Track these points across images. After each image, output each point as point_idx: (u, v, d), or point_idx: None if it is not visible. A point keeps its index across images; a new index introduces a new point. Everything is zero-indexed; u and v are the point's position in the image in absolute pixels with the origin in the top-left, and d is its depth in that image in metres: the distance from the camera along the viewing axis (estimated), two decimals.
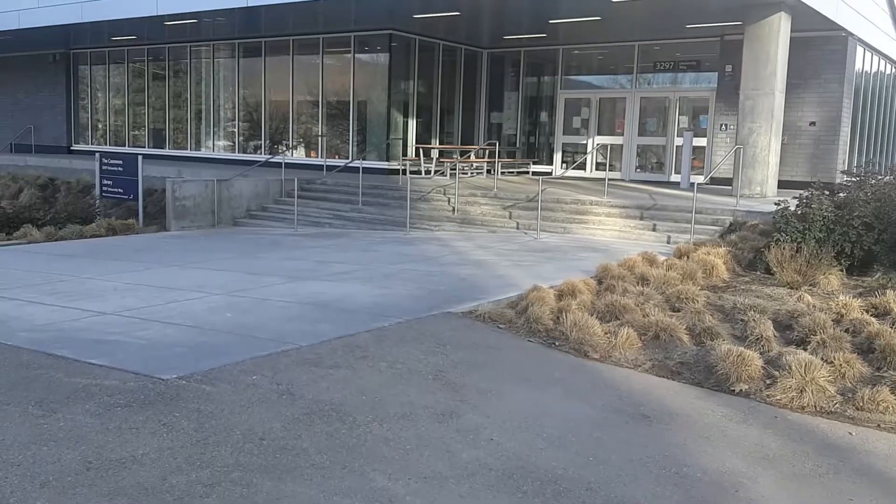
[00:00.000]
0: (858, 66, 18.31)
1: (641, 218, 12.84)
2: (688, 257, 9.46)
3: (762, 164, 14.86)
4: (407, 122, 20.59)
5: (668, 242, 11.85)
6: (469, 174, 19.97)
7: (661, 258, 9.61)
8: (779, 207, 10.71)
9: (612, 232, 12.51)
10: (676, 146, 19.58)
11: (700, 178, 18.69)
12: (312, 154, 21.58)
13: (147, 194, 15.63)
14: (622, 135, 20.32)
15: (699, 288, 7.78)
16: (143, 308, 7.00)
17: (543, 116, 22.15)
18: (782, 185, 15.63)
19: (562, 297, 7.33)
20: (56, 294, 7.63)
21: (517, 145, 22.23)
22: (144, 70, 25.15)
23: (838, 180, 18.48)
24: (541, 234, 12.40)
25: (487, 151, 21.08)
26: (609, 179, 19.83)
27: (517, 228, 13.32)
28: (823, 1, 15.11)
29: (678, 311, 7.03)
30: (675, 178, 19.44)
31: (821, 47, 17.01)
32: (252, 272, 9.10)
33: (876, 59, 19.89)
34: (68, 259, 10.52)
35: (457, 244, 11.57)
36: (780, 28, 14.59)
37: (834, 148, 17.50)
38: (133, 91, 25.50)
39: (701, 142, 18.83)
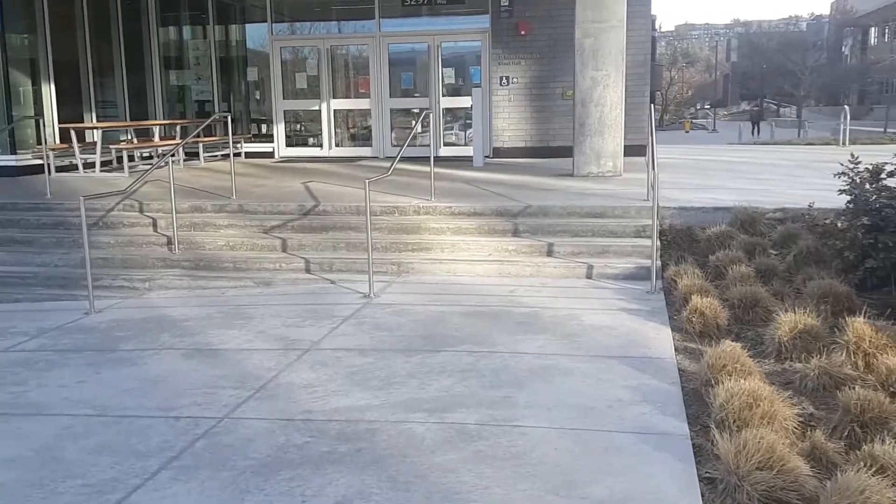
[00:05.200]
0: None
1: (516, 232, 7.69)
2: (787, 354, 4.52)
3: (613, 128, 10.57)
4: (40, 90, 12.90)
5: (590, 277, 6.89)
6: (156, 163, 13.11)
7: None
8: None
9: (485, 265, 7.17)
10: (444, 109, 14.73)
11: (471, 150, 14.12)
12: None
13: None
14: (368, 97, 14.89)
15: None
16: None
17: (252, 74, 15.78)
18: None
19: None
20: None
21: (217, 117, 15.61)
22: None
23: None
24: (372, 282, 6.61)
25: (182, 128, 14.34)
26: (358, 159, 14.44)
27: (308, 272, 7.35)
28: None
29: None
30: (446, 151, 14.62)
31: None
32: None
33: None
34: None
35: (230, 341, 5.36)
36: None
37: (644, 101, 13.98)
38: None
39: (466, 101, 14.10)
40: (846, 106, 17.25)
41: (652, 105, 8.15)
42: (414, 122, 14.99)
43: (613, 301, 6.06)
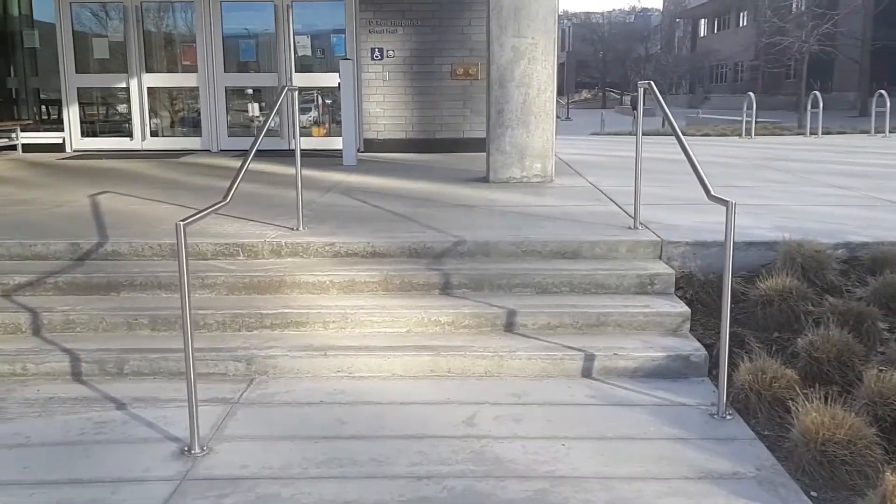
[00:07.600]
0: None
1: (447, 288, 4.67)
2: None
3: (542, 117, 7.79)
4: None
5: (590, 376, 4.02)
6: None
7: None
8: None
9: (406, 357, 4.08)
10: (298, 88, 11.36)
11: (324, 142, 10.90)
12: None
13: None
14: (196, 72, 11.31)
15: None
16: None
17: (34, 40, 11.72)
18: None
19: None
20: None
21: None
22: None
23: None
24: (197, 411, 3.37)
25: None
26: (183, 153, 10.82)
27: (78, 379, 3.97)
28: None
29: None
30: (312, 143, 11.31)
31: None
32: None
33: None
34: None
35: None
36: None
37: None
38: None
39: (332, 79, 10.89)
40: (750, 94, 15.53)
41: (651, 83, 5.40)
42: (258, 106, 11.61)
43: (670, 446, 3.21)
